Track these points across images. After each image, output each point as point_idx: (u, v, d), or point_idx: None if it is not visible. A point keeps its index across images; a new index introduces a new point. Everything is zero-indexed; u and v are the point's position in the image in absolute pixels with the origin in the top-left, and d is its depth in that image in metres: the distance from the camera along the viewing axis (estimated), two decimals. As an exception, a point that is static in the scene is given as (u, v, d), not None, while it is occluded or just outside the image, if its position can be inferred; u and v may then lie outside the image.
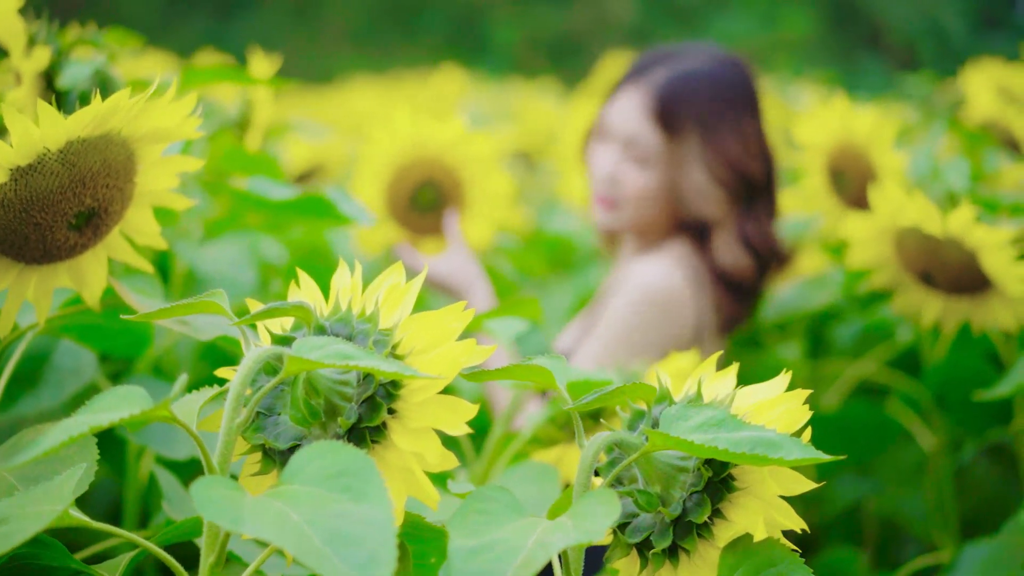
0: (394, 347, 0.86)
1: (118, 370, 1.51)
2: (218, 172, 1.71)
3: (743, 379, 0.90)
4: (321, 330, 0.88)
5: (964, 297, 1.54)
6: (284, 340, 0.88)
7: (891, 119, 2.63)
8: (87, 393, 1.38)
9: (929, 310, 1.58)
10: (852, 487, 2.09)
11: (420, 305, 2.00)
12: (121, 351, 1.38)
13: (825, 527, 2.20)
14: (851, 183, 1.72)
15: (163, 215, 1.90)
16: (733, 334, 1.97)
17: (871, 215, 1.51)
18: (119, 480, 1.59)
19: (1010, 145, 2.55)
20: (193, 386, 1.68)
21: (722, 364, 2.35)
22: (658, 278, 1.79)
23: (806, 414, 0.85)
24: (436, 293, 1.94)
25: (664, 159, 1.85)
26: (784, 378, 0.88)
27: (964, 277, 1.49)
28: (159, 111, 1.03)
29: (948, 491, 1.88)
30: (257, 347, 0.86)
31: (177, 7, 18.81)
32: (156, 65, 3.84)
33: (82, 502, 1.83)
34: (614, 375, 1.20)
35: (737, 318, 1.93)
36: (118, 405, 0.74)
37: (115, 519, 1.64)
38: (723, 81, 1.87)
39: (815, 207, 1.81)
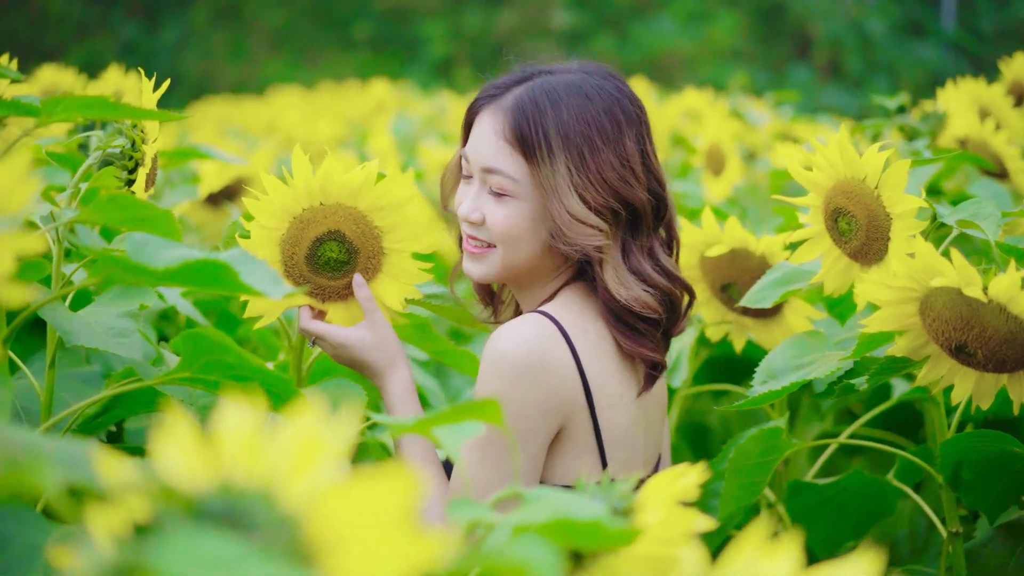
0: (303, 540, 0.57)
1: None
2: (99, 222, 1.40)
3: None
4: (195, 511, 0.59)
5: (1004, 370, 1.29)
6: (139, 531, 0.59)
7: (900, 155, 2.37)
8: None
9: (962, 384, 1.33)
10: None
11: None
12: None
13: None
14: (854, 229, 1.46)
15: (31, 269, 1.59)
16: (649, 387, 1.62)
17: (891, 273, 1.25)
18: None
19: (998, 169, 2.34)
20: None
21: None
22: (513, 344, 1.48)
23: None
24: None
25: (529, 188, 1.55)
26: (862, 563, 0.62)
27: (1007, 348, 1.24)
28: (-27, 176, 0.74)
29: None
30: (94, 544, 0.58)
31: (106, 8, 18.38)
32: (57, 81, 3.49)
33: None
34: (601, 506, 0.92)
35: (656, 366, 1.59)
36: None
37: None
38: (595, 94, 1.58)
39: (812, 255, 1.54)
